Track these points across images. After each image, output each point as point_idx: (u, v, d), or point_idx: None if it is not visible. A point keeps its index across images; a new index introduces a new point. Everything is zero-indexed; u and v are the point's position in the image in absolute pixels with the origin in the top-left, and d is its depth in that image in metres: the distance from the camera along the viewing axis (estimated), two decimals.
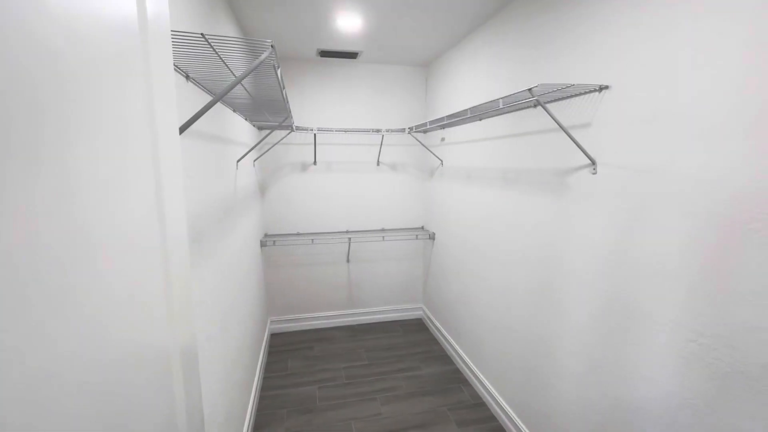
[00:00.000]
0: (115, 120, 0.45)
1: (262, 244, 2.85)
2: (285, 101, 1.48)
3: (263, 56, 0.83)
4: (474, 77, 2.27)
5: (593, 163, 1.34)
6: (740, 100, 0.90)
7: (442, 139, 2.82)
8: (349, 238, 3.05)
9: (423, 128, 2.51)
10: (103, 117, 0.42)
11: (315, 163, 3.01)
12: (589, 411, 1.43)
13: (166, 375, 0.58)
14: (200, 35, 0.80)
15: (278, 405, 2.23)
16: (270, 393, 2.34)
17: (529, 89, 1.25)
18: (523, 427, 1.84)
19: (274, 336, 3.09)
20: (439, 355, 2.78)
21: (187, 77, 1.14)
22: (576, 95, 1.41)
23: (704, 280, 1.00)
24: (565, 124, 1.43)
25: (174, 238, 0.63)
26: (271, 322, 3.13)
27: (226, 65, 1.02)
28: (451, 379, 2.47)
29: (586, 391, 1.44)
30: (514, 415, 1.93)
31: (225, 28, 1.72)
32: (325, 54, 2.71)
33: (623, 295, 1.26)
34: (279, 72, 1.06)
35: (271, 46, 0.84)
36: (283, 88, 1.27)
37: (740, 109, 0.91)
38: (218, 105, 1.55)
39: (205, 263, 1.27)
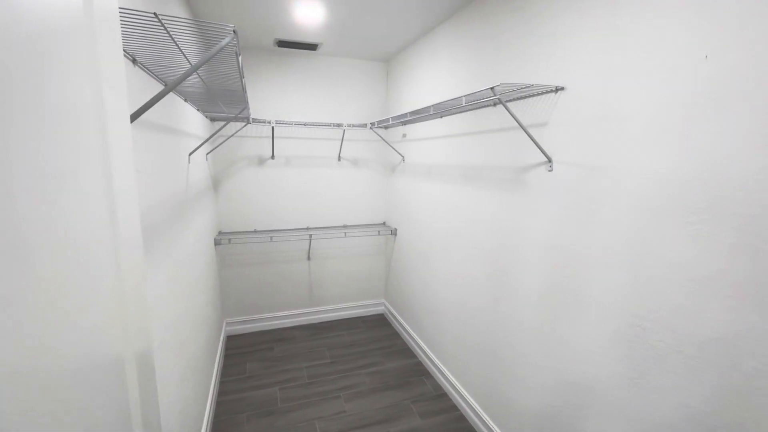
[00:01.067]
0: (58, 106, 0.39)
1: (217, 243, 2.70)
2: (244, 91, 1.41)
3: (224, 42, 0.78)
4: (434, 74, 2.30)
5: (549, 160, 1.41)
6: (681, 103, 0.99)
7: (404, 136, 2.84)
8: (310, 235, 2.98)
9: (385, 124, 2.50)
10: (44, 103, 0.37)
11: (273, 157, 2.90)
12: (546, 395, 1.51)
13: (120, 384, 0.54)
14: (152, 15, 0.73)
15: (237, 409, 2.13)
16: (228, 398, 2.23)
17: (491, 88, 1.29)
18: (484, 414, 1.92)
19: (230, 338, 2.95)
20: (402, 349, 2.81)
21: (134, 61, 1.04)
22: (534, 95, 1.47)
23: (647, 268, 1.09)
24: (523, 122, 1.49)
25: (126, 237, 0.58)
26: (227, 323, 2.99)
27: (181, 50, 0.94)
28: (414, 372, 2.51)
29: (542, 376, 1.53)
30: (475, 403, 2.00)
31: (174, 11, 1.59)
32: (283, 44, 2.61)
33: (575, 285, 1.34)
34: (240, 60, 1.00)
35: (233, 32, 0.78)
36: (243, 77, 1.20)
37: (681, 111, 0.99)
38: (170, 93, 1.44)
39: (155, 264, 1.18)
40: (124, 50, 0.96)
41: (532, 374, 1.58)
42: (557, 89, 1.36)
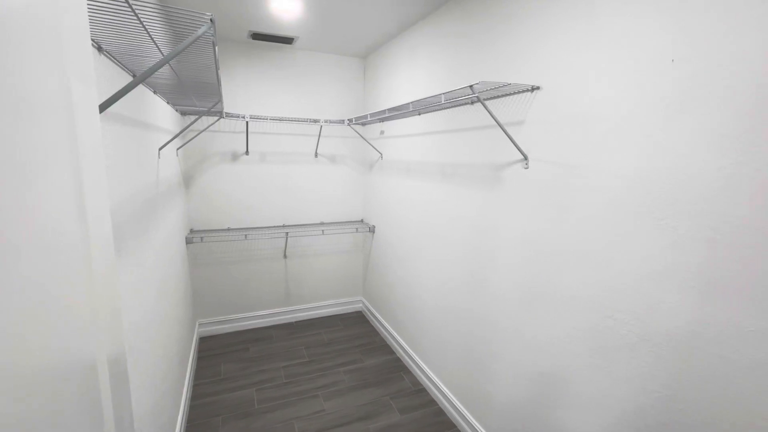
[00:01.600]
0: (22, 94, 0.36)
1: (188, 241, 2.61)
2: (218, 84, 1.36)
3: (201, 31, 0.74)
4: (412, 72, 2.31)
5: (526, 158, 1.45)
6: (651, 104, 1.04)
7: (382, 132, 2.83)
8: (287, 233, 2.93)
9: (363, 120, 2.49)
10: (7, 90, 0.34)
11: (247, 153, 2.82)
12: (524, 387, 1.56)
13: (92, 390, 0.51)
14: None
15: (212, 413, 2.07)
16: (202, 401, 2.17)
17: (470, 86, 1.30)
18: (463, 408, 1.95)
19: (204, 339, 2.86)
20: (380, 346, 2.82)
21: (100, 49, 0.98)
22: (511, 94, 1.50)
23: (618, 262, 1.14)
24: (501, 120, 1.52)
25: (97, 235, 0.55)
26: (200, 324, 2.89)
27: (152, 39, 0.90)
28: (392, 369, 2.53)
29: (520, 369, 1.57)
30: (453, 397, 2.03)
31: None
32: (258, 37, 2.54)
33: (551, 279, 1.38)
34: (216, 51, 0.96)
35: (211, 20, 0.75)
36: (218, 69, 1.16)
37: (650, 112, 1.04)
38: (139, 85, 1.37)
39: (124, 264, 1.12)
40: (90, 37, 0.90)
41: (510, 367, 1.62)
42: (533, 88, 1.39)
